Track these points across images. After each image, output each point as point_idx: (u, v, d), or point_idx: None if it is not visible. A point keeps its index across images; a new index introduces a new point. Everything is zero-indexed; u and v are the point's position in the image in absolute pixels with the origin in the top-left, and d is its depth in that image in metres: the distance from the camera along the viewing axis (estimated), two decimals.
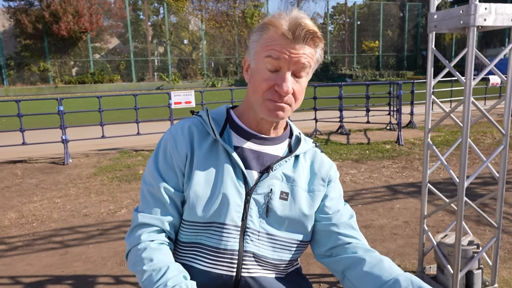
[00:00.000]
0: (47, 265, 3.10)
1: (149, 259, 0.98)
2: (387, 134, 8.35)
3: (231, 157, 1.06)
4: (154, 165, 1.09)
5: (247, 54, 1.06)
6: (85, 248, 3.39)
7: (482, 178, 5.03)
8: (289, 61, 0.96)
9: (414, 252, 3.14)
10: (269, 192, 1.06)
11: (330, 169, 1.17)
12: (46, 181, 5.56)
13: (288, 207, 1.07)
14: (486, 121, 9.28)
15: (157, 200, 1.06)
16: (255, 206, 1.05)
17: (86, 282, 2.83)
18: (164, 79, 29.52)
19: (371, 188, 4.85)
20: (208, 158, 1.07)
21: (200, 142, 1.08)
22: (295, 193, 1.09)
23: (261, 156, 1.09)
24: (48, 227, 3.88)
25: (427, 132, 2.56)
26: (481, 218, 3.75)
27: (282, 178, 1.09)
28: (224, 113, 1.14)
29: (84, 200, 4.68)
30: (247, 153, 1.09)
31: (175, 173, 1.07)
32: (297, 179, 1.10)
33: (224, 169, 1.06)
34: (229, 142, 1.09)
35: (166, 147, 1.08)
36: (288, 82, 0.97)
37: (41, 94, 24.76)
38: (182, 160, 1.06)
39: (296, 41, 0.96)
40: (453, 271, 2.43)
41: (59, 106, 6.67)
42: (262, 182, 1.06)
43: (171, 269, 0.96)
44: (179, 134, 1.08)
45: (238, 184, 1.05)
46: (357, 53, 34.01)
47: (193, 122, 1.11)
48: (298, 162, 1.13)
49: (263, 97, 1.00)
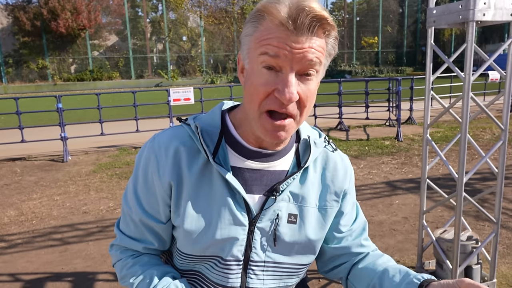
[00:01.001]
0: (47, 262, 3.10)
1: (134, 272, 0.95)
2: (386, 130, 8.35)
3: (228, 182, 0.88)
4: (133, 187, 0.94)
5: (241, 50, 0.85)
6: (85, 245, 3.39)
7: (481, 173, 5.04)
8: (292, 59, 0.75)
9: (413, 248, 3.15)
10: (276, 218, 0.91)
11: (345, 179, 0.99)
12: (45, 178, 5.56)
13: (297, 231, 0.93)
14: (485, 117, 9.28)
15: (137, 227, 0.95)
16: (259, 236, 0.91)
17: (86, 279, 2.84)
18: (163, 76, 29.47)
19: (370, 184, 4.85)
20: (200, 185, 0.89)
21: (190, 164, 0.89)
22: (304, 214, 0.93)
23: (265, 175, 0.92)
24: (48, 224, 3.88)
25: (426, 128, 2.56)
26: (480, 213, 3.75)
27: (289, 198, 0.92)
28: (219, 121, 0.93)
29: (84, 197, 4.68)
30: (247, 174, 0.91)
31: (157, 200, 0.91)
32: (307, 196, 0.94)
33: (221, 197, 0.89)
34: (225, 162, 0.90)
35: (147, 168, 0.91)
36: (291, 87, 0.76)
37: (39, 91, 24.72)
38: (165, 191, 0.90)
39: (299, 32, 0.74)
40: (452, 266, 2.44)
41: (58, 104, 6.66)
42: (268, 209, 0.91)
43: (157, 273, 0.93)
44: (162, 157, 0.89)
45: (240, 214, 0.89)
46: (356, 49, 33.97)
47: (181, 140, 0.90)
48: (307, 174, 0.95)
49: (260, 110, 0.80)
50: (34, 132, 7.49)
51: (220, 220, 0.89)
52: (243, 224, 0.90)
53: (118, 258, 0.99)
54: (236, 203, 0.89)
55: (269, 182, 0.92)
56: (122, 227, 0.99)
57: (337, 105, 8.48)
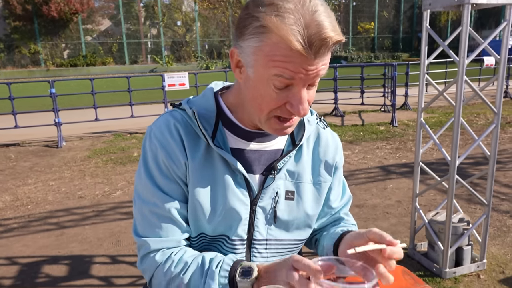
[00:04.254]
0: (43, 246, 3.12)
1: (183, 265, 0.88)
2: (381, 116, 8.38)
3: (229, 163, 0.91)
4: (150, 181, 0.91)
5: (239, 49, 0.81)
6: (81, 229, 3.41)
7: (473, 158, 5.09)
8: (306, 79, 0.76)
9: (406, 230, 3.20)
10: (275, 196, 0.94)
11: (336, 153, 1.03)
12: (40, 164, 5.54)
13: (295, 207, 0.96)
14: (480, 103, 9.33)
15: (166, 220, 0.91)
16: (261, 215, 0.94)
17: (83, 262, 2.86)
18: (157, 62, 29.18)
19: (364, 169, 4.89)
20: (204, 169, 0.91)
21: (193, 149, 0.90)
22: (301, 190, 0.97)
23: (263, 155, 0.95)
24: (43, 209, 3.89)
25: (420, 112, 2.58)
26: (472, 196, 3.81)
27: (286, 176, 0.96)
28: (214, 105, 0.94)
29: (79, 182, 4.68)
30: (247, 155, 0.94)
31: (178, 184, 0.91)
32: (302, 172, 0.97)
33: (224, 179, 0.91)
34: (224, 144, 0.92)
35: (157, 157, 0.90)
36: (304, 103, 0.79)
37: (32, 77, 24.40)
38: (182, 171, 0.90)
39: (315, 56, 0.73)
40: (443, 247, 2.49)
41: (51, 89, 6.60)
42: (268, 188, 0.94)
43: (207, 256, 0.88)
44: (168, 140, 0.89)
45: (242, 194, 0.92)
46: (352, 35, 33.75)
47: (180, 124, 0.91)
48: (301, 151, 0.98)
49: (268, 115, 0.83)
50: (27, 117, 7.43)
51: (225, 200, 0.91)
52: (246, 203, 0.92)
53: (156, 265, 0.90)
54: (238, 183, 0.92)
55: (267, 161, 0.95)
56: (146, 233, 0.91)
57: (332, 90, 8.47)
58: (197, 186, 0.90)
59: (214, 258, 0.87)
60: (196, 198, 0.90)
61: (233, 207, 0.91)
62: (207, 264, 0.85)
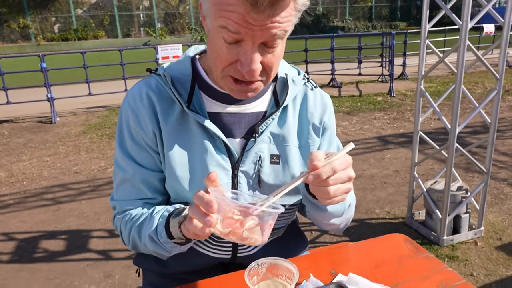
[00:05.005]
0: (40, 221, 3.10)
1: (139, 215, 0.90)
2: (378, 86, 8.28)
3: (207, 128, 0.87)
4: (121, 148, 0.92)
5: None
6: (78, 204, 3.39)
7: (471, 127, 5.06)
8: (253, 35, 0.70)
9: (403, 200, 3.20)
10: (258, 159, 0.90)
11: (324, 113, 0.97)
12: (34, 140, 5.48)
13: (281, 171, 0.92)
14: (478, 72, 9.23)
15: (135, 187, 0.92)
16: (244, 180, 0.91)
17: (80, 236, 2.86)
18: (151, 35, 28.57)
19: (362, 140, 4.86)
20: (179, 135, 0.88)
21: (166, 114, 0.88)
22: (287, 154, 0.92)
23: (243, 118, 0.91)
24: (39, 185, 3.86)
25: (420, 79, 2.51)
26: (470, 165, 3.80)
27: (270, 139, 0.91)
28: (189, 68, 0.90)
29: (74, 157, 4.63)
30: (225, 119, 0.90)
31: (148, 153, 0.90)
32: (287, 135, 0.92)
33: (201, 144, 0.88)
34: (201, 108, 0.88)
35: (129, 124, 0.90)
36: (253, 64, 0.72)
37: (23, 52, 23.90)
38: (151, 139, 0.89)
39: (259, 8, 0.66)
40: (441, 215, 2.48)
41: (42, 63, 6.44)
42: (249, 152, 0.90)
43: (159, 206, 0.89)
44: (139, 107, 0.88)
45: (222, 159, 0.89)
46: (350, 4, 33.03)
47: (153, 90, 0.89)
48: (286, 113, 0.93)
49: (223, 73, 0.78)
50: (19, 94, 7.28)
51: (203, 166, 0.88)
52: (226, 168, 0.89)
53: (120, 223, 0.95)
54: (217, 148, 0.89)
55: (248, 124, 0.91)
56: (118, 197, 0.96)
57: (329, 61, 8.33)
58: (172, 153, 0.88)
59: (162, 208, 0.87)
60: (172, 166, 0.88)
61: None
62: (156, 210, 0.87)
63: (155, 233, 0.82)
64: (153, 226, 0.83)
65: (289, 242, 1.09)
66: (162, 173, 0.92)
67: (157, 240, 0.82)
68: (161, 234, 0.81)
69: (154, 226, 0.83)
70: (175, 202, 0.94)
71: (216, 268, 1.02)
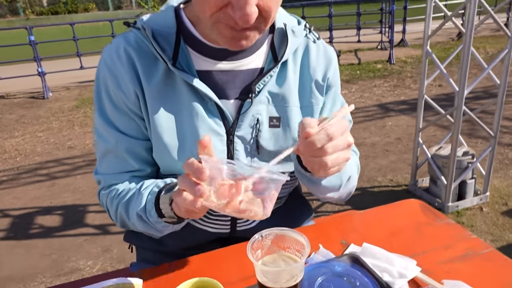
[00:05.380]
0: (35, 197, 3.03)
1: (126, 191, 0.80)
2: (378, 54, 8.08)
3: (196, 88, 0.76)
4: (101, 115, 0.80)
5: None
6: (73, 179, 3.31)
7: (473, 92, 4.94)
8: None
9: (406, 167, 3.13)
10: (256, 123, 0.80)
11: (328, 68, 0.85)
12: (26, 116, 5.34)
13: (282, 135, 0.82)
14: (478, 37, 9.02)
15: (119, 158, 0.82)
16: (241, 146, 0.81)
17: (76, 211, 2.79)
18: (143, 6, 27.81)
19: (362, 108, 4.75)
20: (165, 96, 0.77)
21: (148, 74, 0.77)
22: (288, 116, 0.82)
23: (237, 76, 0.80)
24: (33, 160, 3.76)
25: (427, 39, 2.38)
26: (473, 131, 3.72)
27: (268, 100, 0.81)
28: (173, 20, 0.78)
29: (68, 132, 4.52)
30: (217, 77, 0.78)
31: (132, 118, 0.80)
32: (288, 95, 0.81)
33: (191, 107, 0.77)
34: (189, 66, 0.77)
35: (107, 86, 0.78)
36: (249, 5, 0.61)
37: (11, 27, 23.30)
38: (133, 103, 0.78)
39: None
40: (446, 181, 2.41)
41: (30, 36, 6.20)
42: (245, 114, 0.79)
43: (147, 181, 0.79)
44: (117, 65, 0.77)
45: (214, 123, 0.78)
46: None
47: (132, 45, 0.77)
48: (286, 69, 0.82)
49: (212, 20, 0.67)
50: (10, 69, 7.07)
51: (194, 132, 0.78)
52: (220, 133, 0.79)
53: (105, 199, 0.85)
54: (208, 111, 0.78)
55: (243, 83, 0.80)
56: (102, 170, 0.85)
57: (327, 28, 8.09)
58: (158, 118, 0.77)
59: (151, 183, 0.78)
60: (158, 133, 0.78)
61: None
62: (144, 185, 0.77)
63: (144, 211, 0.73)
64: (141, 204, 0.73)
65: (292, 211, 1.01)
66: (149, 141, 0.81)
67: (146, 219, 0.73)
68: (150, 212, 0.72)
69: (143, 203, 0.73)
70: (164, 175, 0.84)
71: (214, 243, 0.92)
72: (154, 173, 0.87)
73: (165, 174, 0.84)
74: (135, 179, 0.83)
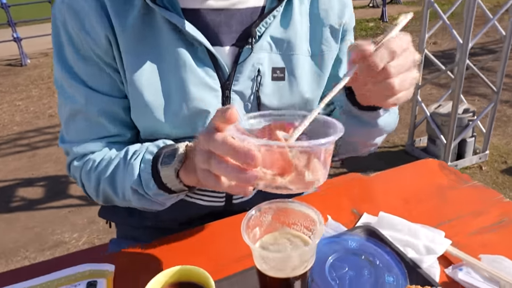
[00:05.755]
0: (15, 169, 2.88)
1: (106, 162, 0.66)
2: (370, 12, 7.83)
3: (182, 31, 0.62)
4: (63, 66, 0.65)
5: None
6: (54, 148, 3.14)
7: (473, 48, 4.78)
8: None
9: (402, 127, 3.03)
10: (256, 75, 0.67)
11: (344, 11, 0.71)
12: (3, 84, 5.07)
13: (288, 89, 0.69)
14: None
15: (91, 121, 0.67)
16: (239, 102, 0.68)
17: (59, 182, 2.65)
18: None
19: None
20: (143, 41, 0.62)
21: (121, 13, 0.61)
22: (294, 65, 0.68)
23: (233, 17, 0.66)
24: (11, 131, 3.57)
25: None
26: (470, 88, 3.60)
27: (271, 46, 0.67)
28: None
29: (48, 100, 4.30)
30: (208, 17, 0.64)
31: (102, 69, 0.65)
32: (294, 40, 0.68)
33: (176, 55, 0.63)
34: (172, 3, 0.62)
35: (68, 31, 0.62)
36: None
37: None
38: (104, 49, 0.62)
39: None
40: (446, 140, 2.32)
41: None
42: (244, 64, 0.66)
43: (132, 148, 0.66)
44: (81, 5, 0.61)
45: (206, 75, 0.65)
46: None
47: None
48: (292, 9, 0.68)
49: None
50: None
51: (181, 85, 0.63)
52: (213, 88, 0.65)
53: (79, 171, 0.70)
54: (198, 60, 0.64)
55: (240, 26, 0.66)
56: (70, 137, 0.70)
57: None
58: (134, 68, 0.62)
59: (139, 148, 0.64)
60: (137, 88, 0.63)
61: (195, 94, 0.64)
62: (130, 152, 0.63)
63: (139, 184, 0.60)
64: (134, 176, 0.60)
65: None
66: (127, 99, 0.67)
67: (143, 193, 0.60)
68: (148, 185, 0.59)
69: (135, 175, 0.60)
70: (145, 139, 0.69)
71: (206, 218, 0.79)
72: (134, 137, 0.72)
73: (146, 139, 0.69)
74: (115, 146, 0.69)
